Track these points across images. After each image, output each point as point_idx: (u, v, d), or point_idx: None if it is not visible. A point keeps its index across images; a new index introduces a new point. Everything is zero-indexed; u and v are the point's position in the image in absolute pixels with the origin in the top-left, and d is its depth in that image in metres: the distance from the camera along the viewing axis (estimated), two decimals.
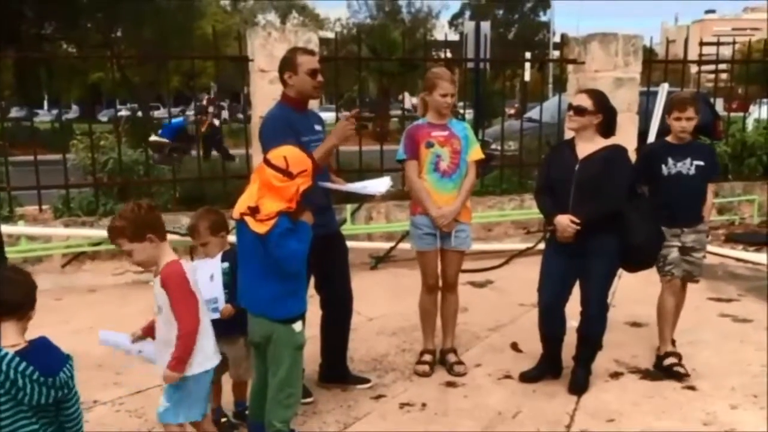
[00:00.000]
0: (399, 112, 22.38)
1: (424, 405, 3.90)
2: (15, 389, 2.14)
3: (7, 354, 2.14)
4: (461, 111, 8.01)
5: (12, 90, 26.27)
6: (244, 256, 3.11)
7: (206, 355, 2.93)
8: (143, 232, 2.78)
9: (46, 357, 2.22)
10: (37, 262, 6.15)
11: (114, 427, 3.62)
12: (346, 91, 24.08)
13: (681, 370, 4.22)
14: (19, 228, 6.05)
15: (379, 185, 3.94)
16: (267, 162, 3.02)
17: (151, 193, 6.85)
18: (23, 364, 2.14)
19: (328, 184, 3.81)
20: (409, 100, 26.01)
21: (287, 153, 3.02)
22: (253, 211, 2.95)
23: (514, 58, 13.20)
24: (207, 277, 3.35)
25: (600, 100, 3.95)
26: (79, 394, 2.36)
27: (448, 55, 12.98)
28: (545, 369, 4.19)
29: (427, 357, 4.36)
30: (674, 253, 4.22)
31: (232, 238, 3.43)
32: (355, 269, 4.24)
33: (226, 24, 29.60)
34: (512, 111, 23.43)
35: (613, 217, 3.83)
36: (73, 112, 34.74)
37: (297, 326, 3.09)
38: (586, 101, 3.90)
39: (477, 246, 6.61)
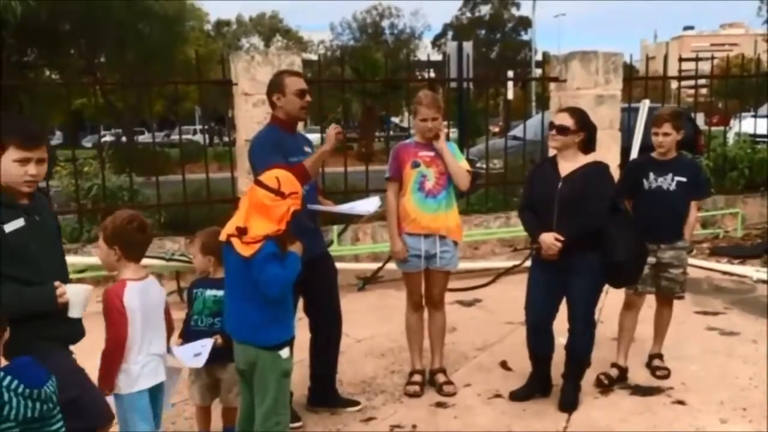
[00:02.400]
0: (383, 133, 22.49)
1: (414, 427, 3.87)
2: (1, 404, 2.14)
3: None
4: (444, 130, 8.05)
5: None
6: (229, 281, 3.07)
7: (132, 378, 2.90)
8: (113, 241, 2.93)
9: (29, 371, 2.24)
10: None
11: None
12: (330, 112, 24.16)
13: (605, 381, 4.29)
14: None
15: (368, 205, 3.95)
16: (258, 183, 3.01)
17: None
18: (8, 379, 2.16)
19: (317, 207, 3.82)
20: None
21: (279, 174, 3.01)
22: (241, 232, 2.92)
23: (497, 77, 13.32)
24: (192, 353, 3.33)
25: (581, 118, 3.98)
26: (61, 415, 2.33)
27: (432, 75, 13.06)
28: (535, 387, 4.18)
29: (417, 377, 4.34)
30: (645, 270, 4.20)
31: None
32: (342, 291, 4.23)
33: (209, 48, 29.65)
34: (496, 129, 23.64)
35: (596, 234, 3.85)
36: (57, 138, 34.58)
37: (284, 353, 3.04)
38: (567, 120, 3.93)
39: (464, 265, 6.61)
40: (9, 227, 2.55)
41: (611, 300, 5.08)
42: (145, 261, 6.36)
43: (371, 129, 24.37)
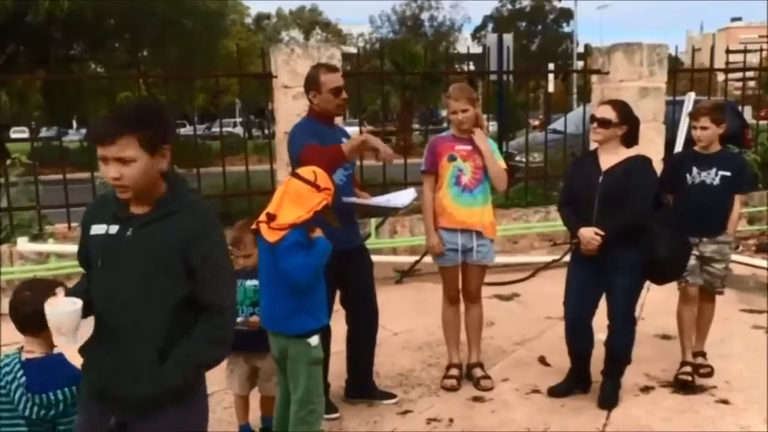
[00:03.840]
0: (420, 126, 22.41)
1: (450, 420, 3.86)
2: (11, 396, 2.27)
3: (14, 360, 2.31)
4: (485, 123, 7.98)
5: (42, 110, 26.77)
6: (262, 271, 3.14)
7: None
8: None
9: (43, 373, 2.30)
10: (66, 279, 6.22)
11: None
12: (368, 105, 24.17)
13: (688, 378, 4.18)
14: (49, 246, 6.14)
15: (404, 198, 3.94)
16: (296, 175, 3.09)
17: None
18: (20, 372, 2.29)
19: (353, 199, 3.82)
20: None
21: (316, 169, 3.10)
22: (270, 218, 2.99)
23: (537, 70, 13.15)
24: None
25: (624, 110, 3.91)
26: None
27: (471, 67, 12.97)
28: (574, 383, 4.13)
29: (454, 371, 4.32)
30: (691, 261, 4.13)
31: None
32: (379, 283, 4.22)
33: (249, 42, 29.93)
34: (536, 123, 23.37)
35: (637, 230, 3.78)
36: None
37: (313, 340, 3.08)
38: (610, 113, 3.86)
39: (502, 259, 6.57)
40: (93, 230, 2.13)
41: (653, 297, 5.00)
42: None
43: (409, 122, 24.33)
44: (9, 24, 17.72)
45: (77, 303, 2.04)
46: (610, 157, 3.90)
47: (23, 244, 6.05)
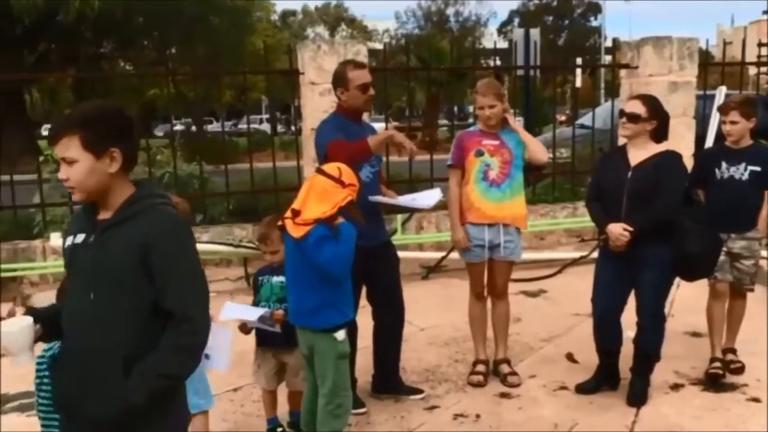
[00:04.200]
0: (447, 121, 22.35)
1: (478, 416, 3.86)
2: (42, 383, 2.39)
3: (48, 353, 2.41)
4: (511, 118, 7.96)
5: (72, 108, 27.20)
6: (288, 267, 3.18)
7: None
8: None
9: None
10: None
11: None
12: (394, 101, 24.15)
13: (719, 372, 4.15)
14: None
15: (429, 198, 3.94)
16: (321, 171, 3.12)
17: (206, 206, 6.98)
18: (45, 370, 2.39)
19: (379, 198, 3.83)
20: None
21: (341, 165, 3.13)
22: (295, 214, 3.03)
23: (565, 64, 13.02)
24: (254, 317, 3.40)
25: (653, 105, 3.87)
26: None
27: (497, 63, 12.91)
28: (602, 380, 4.10)
29: (481, 367, 4.32)
30: (721, 257, 4.06)
31: None
32: (405, 279, 4.23)
33: (275, 39, 30.09)
34: (563, 118, 23.18)
35: (667, 225, 3.74)
36: None
37: (339, 335, 3.11)
38: (639, 107, 3.82)
39: (529, 255, 6.53)
40: (68, 240, 2.08)
41: (683, 293, 4.93)
42: (213, 247, 6.54)
43: (435, 117, 24.28)
44: (40, 23, 18.01)
45: (26, 320, 2.00)
46: (639, 153, 3.86)
47: (56, 239, 6.15)
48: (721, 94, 7.38)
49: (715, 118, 7.19)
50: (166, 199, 2.08)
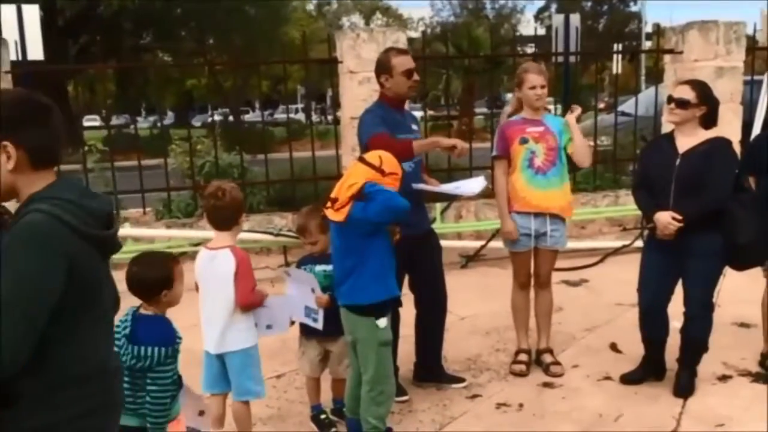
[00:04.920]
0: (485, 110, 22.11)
1: (521, 406, 3.84)
2: (119, 343, 2.52)
3: (128, 318, 2.59)
4: (550, 107, 7.86)
5: (113, 99, 27.65)
6: (334, 251, 3.19)
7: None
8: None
9: (147, 328, 2.57)
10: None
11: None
12: (430, 90, 24.01)
13: None
14: (126, 230, 6.34)
15: (473, 186, 3.91)
16: (361, 159, 3.12)
17: (246, 195, 7.04)
18: (128, 325, 2.56)
19: (422, 186, 3.81)
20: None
21: (382, 154, 3.11)
22: (333, 201, 3.04)
23: (605, 51, 12.81)
24: (308, 288, 3.42)
25: (703, 91, 3.77)
26: (172, 385, 2.59)
27: (534, 50, 12.74)
28: (647, 371, 4.04)
29: (523, 357, 4.29)
30: None
31: None
32: (444, 268, 4.20)
33: (311, 28, 30.14)
34: (602, 105, 22.79)
35: (717, 214, 3.66)
36: (169, 118, 36.27)
37: (381, 322, 3.10)
38: (688, 93, 3.73)
39: (570, 244, 6.40)
40: None
41: (729, 283, 4.83)
42: (253, 236, 6.61)
43: (471, 106, 24.08)
44: (82, 16, 18.36)
45: None
46: (687, 139, 3.77)
47: None
48: None
49: (763, 103, 7.02)
50: (52, 202, 1.71)
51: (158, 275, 2.62)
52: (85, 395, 1.83)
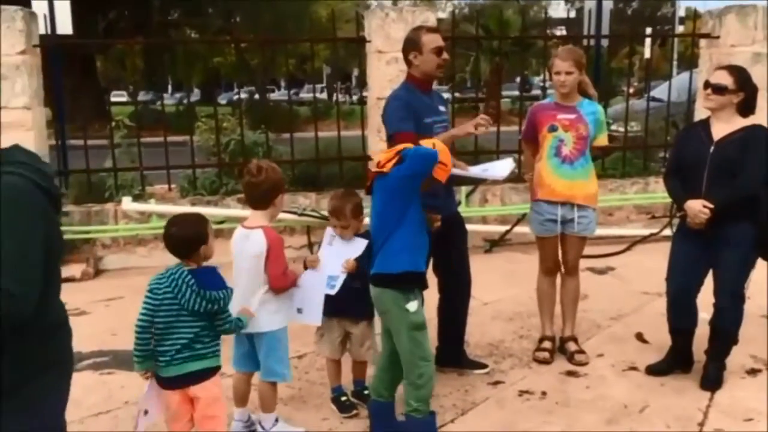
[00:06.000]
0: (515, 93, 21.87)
1: (543, 394, 3.79)
2: (180, 294, 2.74)
3: (183, 271, 2.78)
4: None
5: (140, 75, 27.80)
6: (373, 218, 3.14)
7: None
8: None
9: (205, 277, 2.79)
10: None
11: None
12: (457, 72, 23.79)
13: None
14: (152, 206, 6.37)
15: (501, 170, 3.83)
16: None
17: None
18: (188, 276, 2.76)
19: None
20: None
21: (437, 143, 3.15)
22: (381, 165, 3.05)
23: (641, 34, 12.55)
24: (343, 258, 3.41)
25: (741, 76, 3.66)
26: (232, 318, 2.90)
27: (563, 32, 12.53)
28: (674, 362, 3.97)
29: (547, 344, 4.24)
30: None
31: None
32: (469, 252, 4.15)
33: (338, 7, 29.97)
34: (631, 90, 22.44)
35: (751, 203, 3.56)
36: (195, 95, 36.40)
37: (411, 306, 3.05)
38: (726, 78, 3.62)
39: (597, 231, 6.34)
40: None
41: (761, 273, 4.71)
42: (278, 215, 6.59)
43: (499, 89, 23.84)
44: None
45: None
46: (723, 126, 3.67)
47: (127, 203, 6.29)
48: None
49: None
50: (17, 166, 1.89)
51: (195, 232, 2.81)
52: (46, 350, 1.98)
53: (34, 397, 1.96)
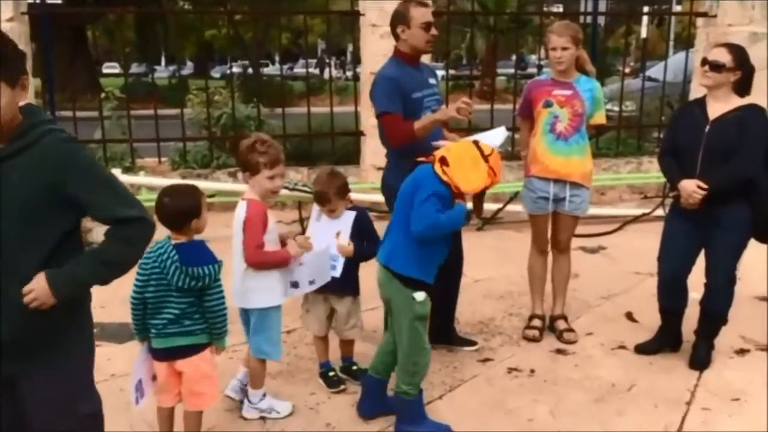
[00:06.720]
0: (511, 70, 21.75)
1: (532, 371, 3.79)
2: (165, 271, 2.68)
3: (169, 246, 2.71)
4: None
5: (132, 47, 27.46)
6: (398, 204, 3.07)
7: None
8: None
9: (192, 252, 2.73)
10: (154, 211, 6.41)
11: (227, 374, 3.72)
12: (452, 49, 23.59)
13: None
14: (141, 178, 6.31)
15: (495, 137, 3.77)
16: (476, 143, 3.05)
17: None
18: (173, 252, 2.69)
19: (441, 142, 3.70)
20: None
21: (496, 150, 3.06)
22: (443, 162, 2.94)
23: (633, 12, 12.45)
24: (333, 232, 3.39)
25: (739, 55, 3.62)
26: (224, 295, 2.80)
27: (560, 9, 12.41)
28: (663, 342, 3.97)
29: (537, 322, 4.23)
30: None
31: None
32: (461, 230, 4.12)
33: None
34: (627, 70, 22.34)
35: (746, 184, 3.54)
36: (188, 68, 36.02)
37: (418, 296, 3.01)
38: (724, 56, 3.57)
39: (589, 210, 6.33)
40: None
41: (751, 254, 4.71)
42: None
43: (494, 66, 23.68)
44: None
45: None
46: (719, 105, 3.63)
47: (117, 175, 6.20)
48: None
49: None
50: (53, 124, 2.04)
51: (189, 204, 2.74)
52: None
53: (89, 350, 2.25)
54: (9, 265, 1.94)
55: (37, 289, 1.94)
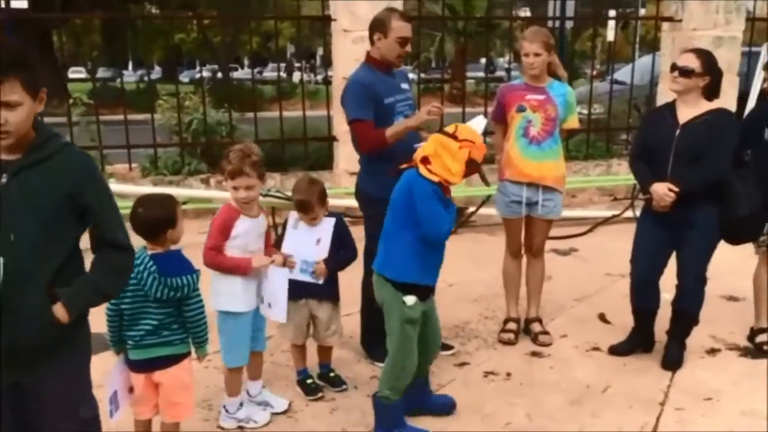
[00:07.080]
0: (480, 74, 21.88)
1: (508, 375, 3.82)
2: (143, 282, 2.65)
3: (146, 257, 2.68)
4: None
5: (99, 51, 27.08)
6: (391, 211, 3.07)
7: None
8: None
9: (169, 262, 2.70)
10: (125, 219, 6.32)
11: (201, 383, 3.68)
12: (423, 52, 23.67)
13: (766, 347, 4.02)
14: (112, 186, 6.19)
15: (474, 127, 3.80)
16: (440, 130, 3.06)
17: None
18: (150, 263, 2.66)
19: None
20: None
21: (459, 125, 3.06)
22: (425, 161, 2.96)
23: (603, 16, 12.63)
24: (313, 240, 3.38)
25: (708, 60, 3.68)
26: (203, 304, 2.78)
27: (528, 13, 12.53)
28: (636, 343, 4.03)
29: (512, 325, 4.26)
30: None
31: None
32: None
33: None
34: (594, 72, 22.62)
35: (715, 187, 3.61)
36: (156, 73, 35.61)
37: (408, 299, 3.01)
38: (693, 62, 3.64)
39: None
40: None
41: (720, 255, 4.80)
42: None
43: (464, 69, 23.83)
44: None
45: None
46: (689, 110, 3.70)
47: None
48: (766, 51, 7.13)
49: (759, 76, 6.96)
50: (64, 139, 2.13)
51: (163, 215, 2.71)
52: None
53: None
54: (28, 270, 1.98)
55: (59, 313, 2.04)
